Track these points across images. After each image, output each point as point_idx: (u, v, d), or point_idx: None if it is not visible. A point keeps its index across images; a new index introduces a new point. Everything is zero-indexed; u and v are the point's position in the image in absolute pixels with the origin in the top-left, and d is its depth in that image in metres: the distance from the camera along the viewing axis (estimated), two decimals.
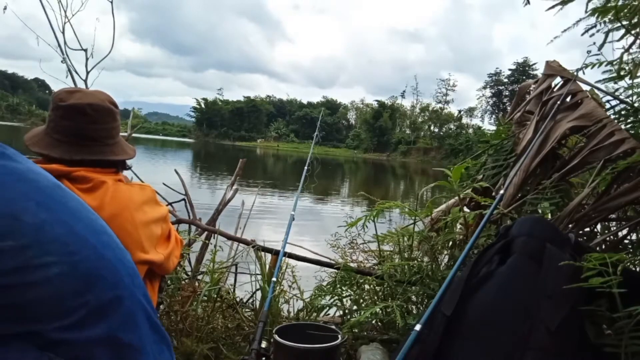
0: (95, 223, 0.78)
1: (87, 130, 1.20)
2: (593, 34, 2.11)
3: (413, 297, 2.07)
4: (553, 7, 2.18)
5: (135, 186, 1.31)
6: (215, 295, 2.12)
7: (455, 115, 64.99)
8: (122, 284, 0.74)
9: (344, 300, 2.23)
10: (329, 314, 2.32)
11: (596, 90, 2.27)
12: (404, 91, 71.09)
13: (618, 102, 2.19)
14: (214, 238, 2.32)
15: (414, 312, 2.04)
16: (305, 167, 2.33)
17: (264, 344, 1.51)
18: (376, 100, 70.42)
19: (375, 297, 2.19)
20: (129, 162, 1.36)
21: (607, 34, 2.08)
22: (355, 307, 2.20)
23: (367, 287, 2.25)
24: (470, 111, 65.69)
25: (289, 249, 2.28)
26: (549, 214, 2.06)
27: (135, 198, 1.24)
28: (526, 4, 2.44)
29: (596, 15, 2.07)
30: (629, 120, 2.14)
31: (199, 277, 2.45)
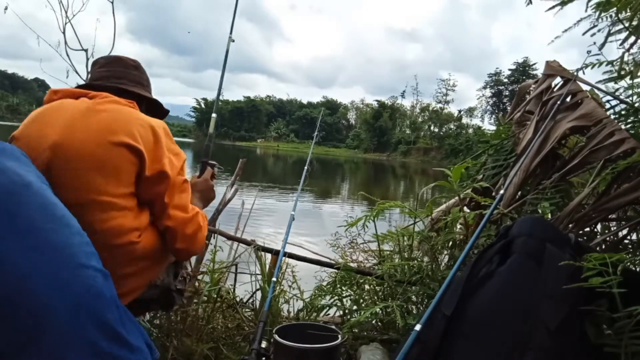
0: (47, 239, 0.74)
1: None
2: (594, 34, 2.11)
3: (413, 297, 2.07)
4: (553, 7, 2.18)
5: None
6: (215, 295, 2.12)
7: (455, 115, 64.98)
8: (47, 322, 0.69)
9: (344, 300, 2.22)
10: (329, 314, 2.32)
11: (596, 90, 2.27)
12: (404, 91, 71.08)
13: (618, 102, 2.18)
14: (213, 238, 2.32)
15: (414, 312, 2.04)
16: (305, 167, 2.33)
17: (264, 344, 1.51)
18: (376, 100, 70.45)
19: (375, 297, 2.19)
20: None
21: (608, 33, 2.08)
22: (355, 307, 2.20)
23: (367, 287, 2.25)
24: (470, 111, 65.69)
25: (289, 249, 2.28)
26: (549, 214, 2.06)
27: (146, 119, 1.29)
28: (528, 4, 2.44)
29: (598, 11, 2.06)
30: (629, 120, 2.14)
31: (199, 277, 2.45)
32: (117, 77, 1.45)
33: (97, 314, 0.79)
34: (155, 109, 1.55)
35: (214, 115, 1.84)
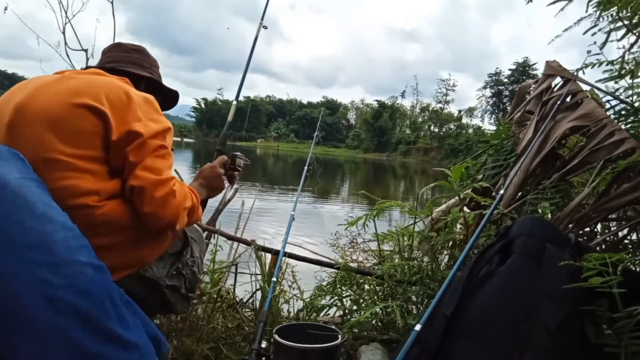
0: (24, 238, 0.73)
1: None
2: (594, 33, 2.11)
3: (413, 297, 2.07)
4: (555, 2, 2.17)
5: None
6: (215, 295, 2.12)
7: (455, 115, 65.00)
8: (26, 323, 0.68)
9: (344, 300, 2.22)
10: (329, 314, 2.32)
11: (596, 90, 2.27)
12: (404, 91, 71.18)
13: (618, 102, 2.18)
14: (214, 238, 2.32)
15: (414, 312, 2.04)
16: (306, 167, 2.33)
17: (264, 344, 1.51)
18: (376, 100, 70.50)
19: (375, 297, 2.19)
20: None
21: (608, 33, 2.08)
22: (355, 307, 2.20)
23: (367, 287, 2.25)
24: (470, 111, 65.72)
25: (289, 249, 2.28)
26: (549, 214, 2.06)
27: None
28: (528, 2, 2.44)
29: (598, 10, 2.06)
30: (629, 120, 2.14)
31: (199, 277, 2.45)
32: (114, 60, 1.46)
33: (81, 312, 0.78)
34: (158, 91, 1.51)
35: (234, 102, 1.83)
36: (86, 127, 1.13)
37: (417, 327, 1.25)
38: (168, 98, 1.61)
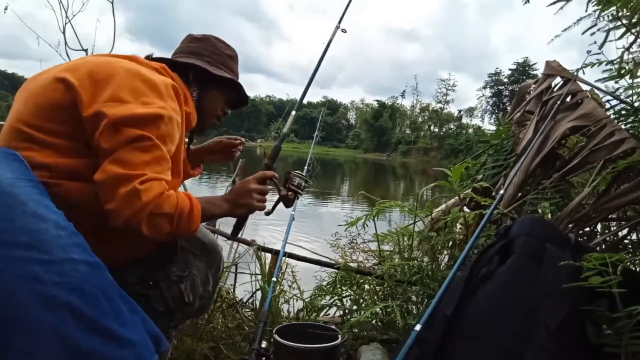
0: (14, 237, 0.73)
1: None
2: (594, 33, 2.11)
3: (413, 297, 2.07)
4: (555, 2, 2.18)
5: None
6: (215, 295, 2.12)
7: (455, 115, 65.05)
8: (17, 321, 0.68)
9: (344, 300, 2.23)
10: (329, 314, 2.32)
11: (596, 90, 2.27)
12: (404, 91, 71.28)
13: (618, 102, 2.18)
14: None
15: (414, 312, 2.04)
16: (306, 167, 2.33)
17: (264, 344, 1.51)
18: (376, 100, 70.55)
19: (375, 297, 2.19)
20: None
21: (607, 33, 2.08)
22: (355, 307, 2.20)
23: (367, 287, 2.25)
24: (470, 111, 65.78)
25: (288, 249, 2.28)
26: (549, 214, 2.06)
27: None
28: (526, 3, 2.44)
29: (598, 9, 2.06)
30: (629, 120, 2.14)
31: None
32: (176, 52, 1.41)
33: (74, 309, 0.78)
34: (209, 80, 1.38)
35: (293, 112, 1.58)
36: (55, 99, 1.06)
37: (417, 327, 1.25)
38: (235, 91, 1.48)
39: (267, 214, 1.43)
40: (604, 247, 1.99)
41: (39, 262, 0.78)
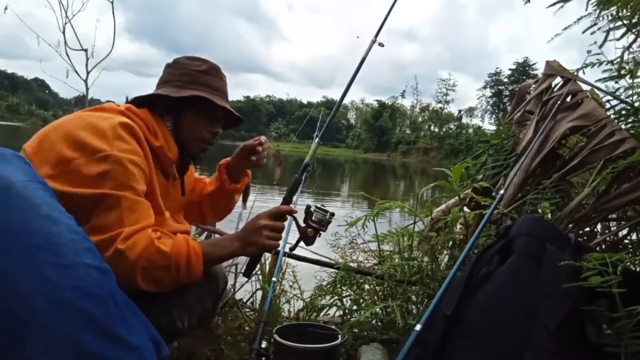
0: (28, 240, 0.73)
1: None
2: (594, 32, 2.11)
3: (413, 297, 2.07)
4: (554, 4, 2.18)
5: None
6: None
7: (455, 115, 65.09)
8: (30, 324, 0.68)
9: (344, 300, 2.22)
10: (329, 314, 2.32)
11: (596, 90, 2.27)
12: (404, 91, 71.31)
13: (618, 102, 2.18)
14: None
15: (414, 312, 2.04)
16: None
17: (264, 344, 1.51)
18: (376, 100, 70.60)
19: (375, 297, 2.19)
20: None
21: (607, 32, 2.08)
22: (355, 307, 2.20)
23: (367, 287, 2.25)
24: (470, 111, 65.81)
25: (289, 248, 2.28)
26: (549, 214, 2.06)
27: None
28: (526, 2, 2.45)
29: (598, 9, 2.06)
30: (629, 120, 2.14)
31: None
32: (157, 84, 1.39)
33: (87, 313, 0.78)
34: (178, 106, 1.31)
35: (315, 141, 1.37)
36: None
37: (417, 327, 1.25)
38: (218, 107, 1.38)
39: (291, 250, 1.37)
40: (604, 247, 1.99)
41: (54, 266, 0.78)
